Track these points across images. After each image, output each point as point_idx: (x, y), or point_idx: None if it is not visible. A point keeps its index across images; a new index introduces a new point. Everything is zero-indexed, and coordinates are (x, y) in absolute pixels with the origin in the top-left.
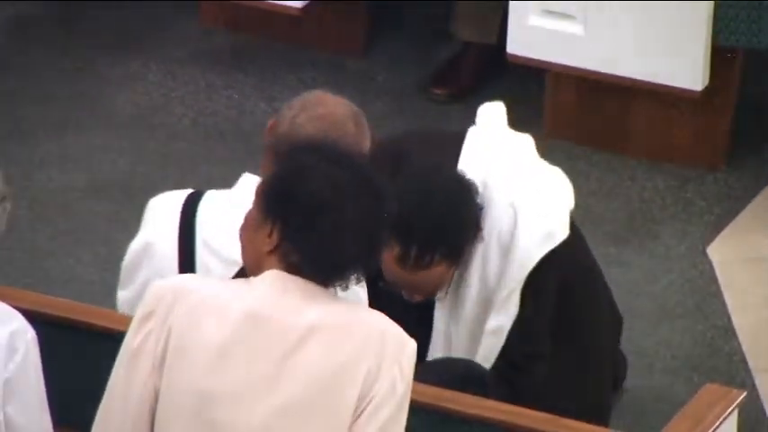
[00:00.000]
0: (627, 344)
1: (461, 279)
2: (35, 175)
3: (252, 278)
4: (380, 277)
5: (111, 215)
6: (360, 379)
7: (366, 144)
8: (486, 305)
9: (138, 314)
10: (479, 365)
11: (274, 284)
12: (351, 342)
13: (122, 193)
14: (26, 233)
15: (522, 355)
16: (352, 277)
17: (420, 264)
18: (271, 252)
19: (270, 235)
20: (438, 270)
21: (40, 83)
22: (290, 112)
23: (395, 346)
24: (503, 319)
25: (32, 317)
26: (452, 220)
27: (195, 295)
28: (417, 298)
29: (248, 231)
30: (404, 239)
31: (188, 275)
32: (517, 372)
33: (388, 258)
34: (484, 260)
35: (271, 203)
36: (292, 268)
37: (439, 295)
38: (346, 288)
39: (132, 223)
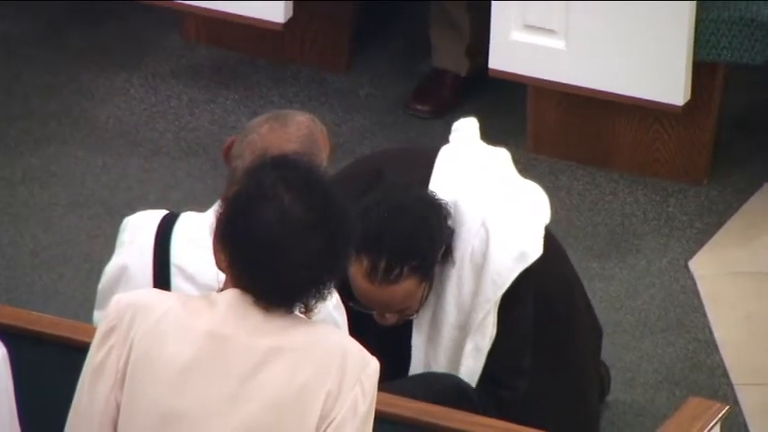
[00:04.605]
0: (608, 358)
1: (438, 304)
2: (17, 191)
3: (213, 295)
4: (351, 298)
5: (93, 231)
6: (320, 400)
7: (320, 160)
8: (463, 328)
9: (100, 329)
10: (464, 381)
11: (236, 304)
12: (312, 363)
13: (105, 209)
14: (8, 249)
15: (503, 370)
16: (300, 304)
17: (389, 277)
18: (226, 271)
19: (223, 256)
20: (407, 285)
21: (22, 98)
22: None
23: (356, 365)
24: (479, 340)
25: (13, 332)
26: (422, 233)
27: (156, 311)
28: (390, 319)
29: (214, 238)
30: (373, 252)
31: (149, 290)
32: (500, 387)
33: (357, 273)
34: (459, 283)
35: (221, 230)
36: (245, 290)
37: (413, 316)
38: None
39: (115, 239)
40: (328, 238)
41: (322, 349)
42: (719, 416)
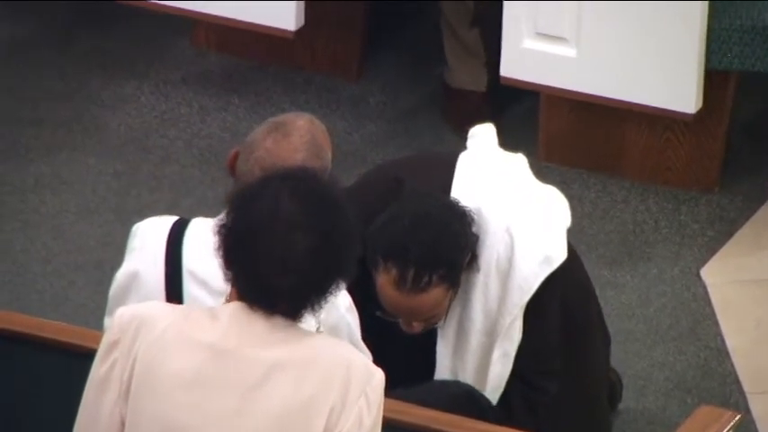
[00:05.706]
0: (620, 366)
1: (464, 311)
2: (28, 198)
3: (216, 308)
4: (378, 306)
5: (104, 238)
6: (325, 414)
7: (326, 161)
8: (490, 334)
9: (104, 342)
10: (475, 389)
11: (239, 317)
12: (316, 376)
13: (116, 216)
14: (19, 256)
15: (533, 372)
16: (299, 316)
17: (417, 286)
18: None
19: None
20: (436, 293)
21: (33, 105)
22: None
23: (360, 378)
24: (507, 346)
25: (24, 339)
26: (448, 240)
27: (160, 325)
28: (416, 327)
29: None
30: (400, 262)
31: (153, 303)
32: (531, 390)
33: (386, 282)
34: (485, 290)
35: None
36: (237, 292)
37: (438, 324)
38: (299, 319)
39: (125, 246)
40: (321, 246)
41: (326, 362)
42: (731, 424)
